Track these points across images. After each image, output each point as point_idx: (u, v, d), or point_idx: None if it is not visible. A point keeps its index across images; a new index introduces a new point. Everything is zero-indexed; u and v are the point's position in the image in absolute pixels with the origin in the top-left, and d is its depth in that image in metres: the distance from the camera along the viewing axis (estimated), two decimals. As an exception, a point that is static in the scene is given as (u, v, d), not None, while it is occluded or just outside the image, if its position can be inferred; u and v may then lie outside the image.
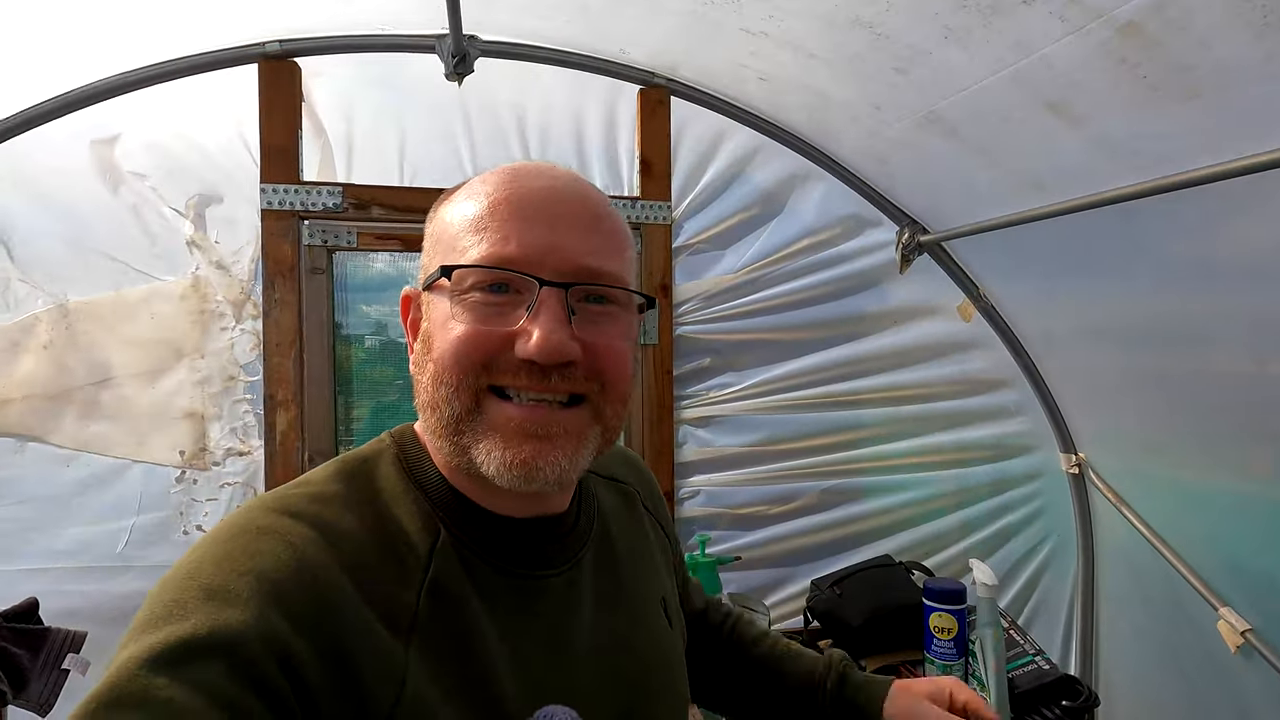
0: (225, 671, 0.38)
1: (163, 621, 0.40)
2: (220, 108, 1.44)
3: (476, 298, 0.51)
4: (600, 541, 0.63)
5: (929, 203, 1.67)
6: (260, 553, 0.44)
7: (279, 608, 0.42)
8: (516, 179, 0.54)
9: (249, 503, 0.50)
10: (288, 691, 0.40)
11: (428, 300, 0.55)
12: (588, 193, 0.56)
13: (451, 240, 0.54)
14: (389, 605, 0.47)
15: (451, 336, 0.51)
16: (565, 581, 0.57)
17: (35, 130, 1.35)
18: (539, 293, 0.50)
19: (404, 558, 0.50)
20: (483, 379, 0.51)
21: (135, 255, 1.41)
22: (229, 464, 1.45)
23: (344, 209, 1.45)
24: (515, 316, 0.51)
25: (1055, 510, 1.86)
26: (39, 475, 1.36)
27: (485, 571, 0.53)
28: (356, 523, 0.50)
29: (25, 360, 1.36)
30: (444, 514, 0.53)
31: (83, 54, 1.31)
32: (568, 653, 0.55)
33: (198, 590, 0.41)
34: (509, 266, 0.51)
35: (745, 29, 1.23)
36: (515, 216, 0.52)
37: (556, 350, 0.49)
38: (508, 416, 0.50)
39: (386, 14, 1.41)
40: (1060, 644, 1.85)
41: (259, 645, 0.40)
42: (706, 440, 1.70)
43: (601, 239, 0.54)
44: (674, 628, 0.68)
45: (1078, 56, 0.97)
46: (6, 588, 1.32)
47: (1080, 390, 1.72)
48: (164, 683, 0.36)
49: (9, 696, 1.10)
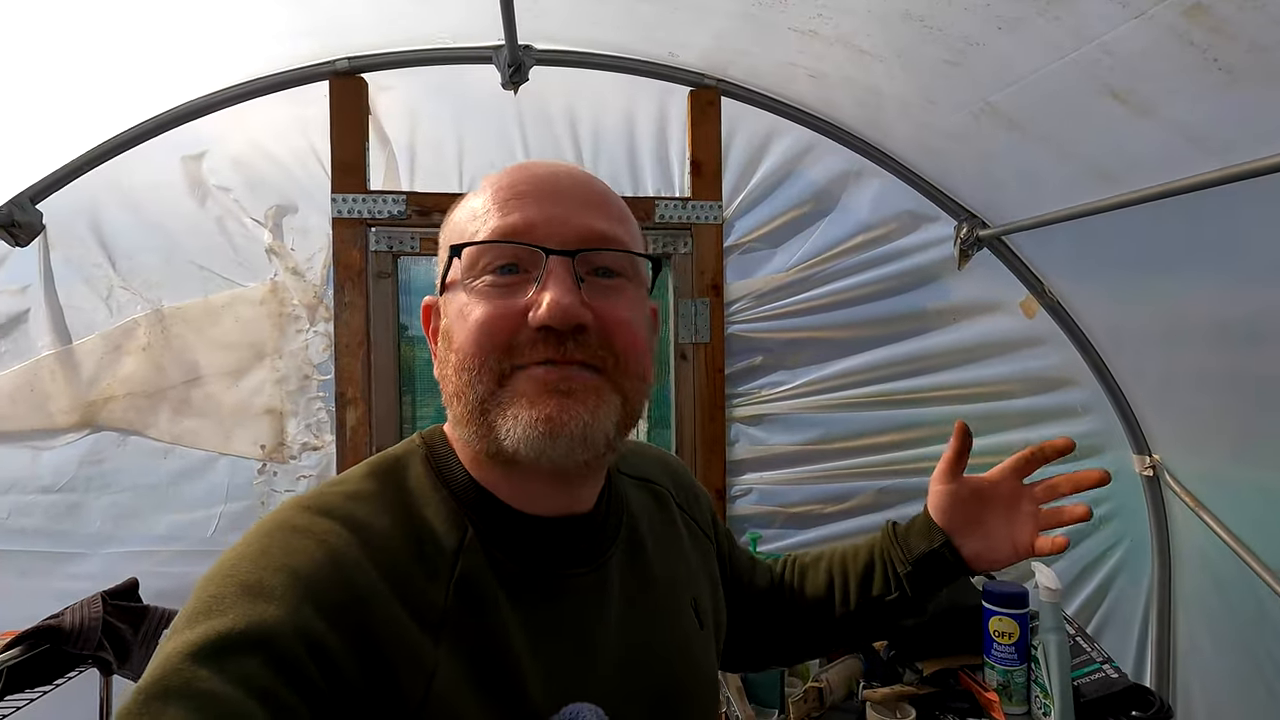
0: (262, 664, 0.40)
1: (204, 616, 0.42)
2: (294, 122, 1.53)
3: (487, 281, 0.52)
4: (628, 541, 0.62)
5: (988, 196, 1.62)
6: (295, 550, 0.46)
7: (313, 603, 0.43)
8: (518, 169, 0.56)
9: (286, 502, 0.52)
10: (322, 684, 0.41)
11: (445, 301, 0.56)
12: (589, 176, 0.57)
13: (458, 233, 0.56)
14: (418, 602, 0.48)
15: (469, 323, 0.52)
16: (592, 581, 0.57)
17: (133, 150, 1.48)
18: (547, 262, 0.51)
19: (432, 555, 0.51)
20: (504, 361, 0.51)
21: (220, 263, 1.52)
22: (304, 458, 1.55)
23: (407, 216, 1.52)
24: (526, 291, 0.51)
25: (1127, 514, 1.78)
26: (139, 466, 1.49)
27: (512, 569, 0.53)
28: (387, 521, 0.51)
29: (127, 361, 1.49)
30: (471, 512, 0.54)
31: (173, 78, 1.42)
32: (594, 652, 0.55)
33: (236, 586, 0.43)
34: (516, 239, 0.52)
35: (794, 28, 1.23)
36: (517, 196, 0.53)
37: (567, 312, 0.49)
38: (529, 383, 0.51)
39: (446, 28, 1.47)
40: (1134, 653, 1.77)
41: (294, 639, 0.41)
42: (759, 439, 1.70)
43: (604, 209, 0.55)
44: (705, 628, 0.67)
45: (1141, 42, 0.93)
46: (110, 568, 1.45)
47: (1154, 389, 1.64)
48: (205, 674, 0.38)
49: (114, 666, 1.22)
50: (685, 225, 1.63)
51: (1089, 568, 1.78)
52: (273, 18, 1.32)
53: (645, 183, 1.65)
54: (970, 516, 0.76)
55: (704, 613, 0.68)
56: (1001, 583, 1.44)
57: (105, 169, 1.47)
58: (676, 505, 0.72)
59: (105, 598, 1.25)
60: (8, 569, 1.45)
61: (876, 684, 1.41)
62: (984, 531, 0.75)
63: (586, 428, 0.50)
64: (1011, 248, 1.70)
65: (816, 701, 1.36)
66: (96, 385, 1.48)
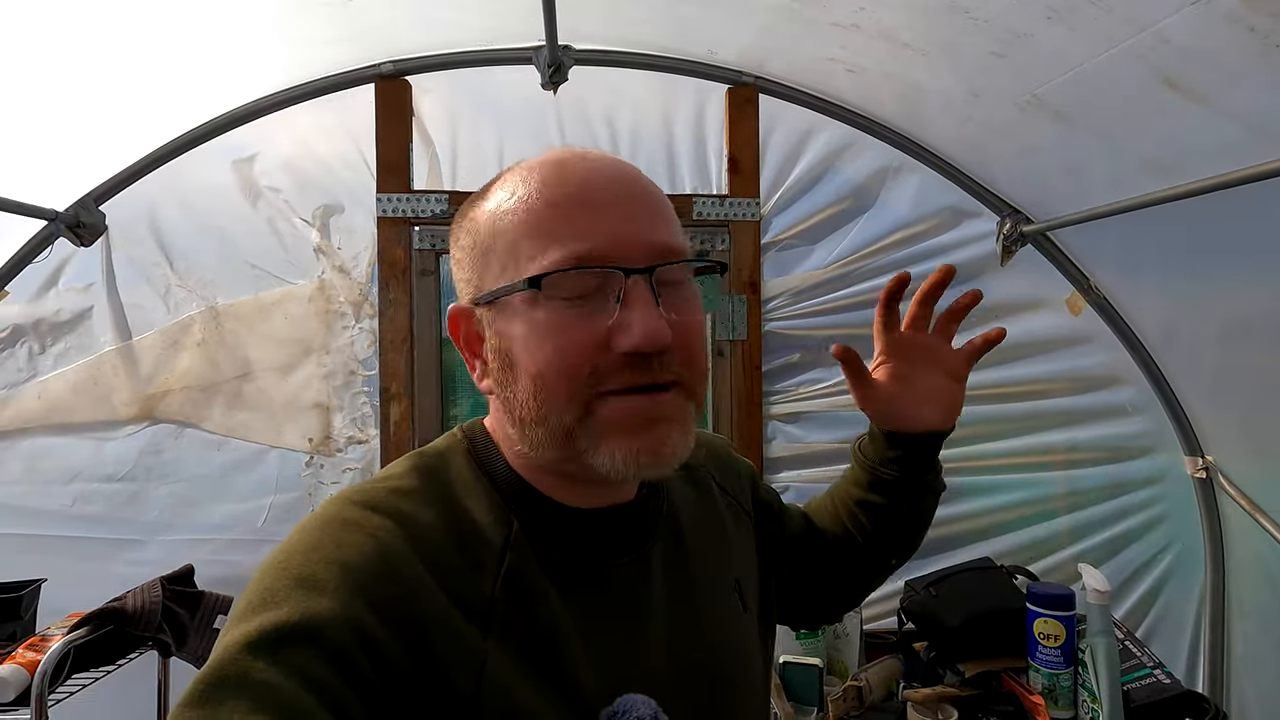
0: (315, 656, 0.40)
1: (259, 608, 0.43)
2: (341, 125, 1.58)
3: (560, 304, 0.49)
4: (670, 529, 0.62)
5: (1032, 191, 1.59)
6: (345, 544, 0.46)
7: (362, 596, 0.43)
8: (563, 170, 0.52)
9: (335, 496, 0.52)
10: (373, 676, 0.42)
11: (490, 315, 0.53)
12: (631, 170, 0.55)
13: (510, 248, 0.51)
14: (466, 595, 0.48)
15: (549, 351, 0.49)
16: (635, 570, 0.57)
17: (189, 153, 1.54)
18: (626, 282, 0.49)
19: (479, 549, 0.51)
20: (590, 389, 0.50)
21: (271, 262, 1.58)
22: (350, 451, 1.59)
23: (449, 214, 1.55)
24: (603, 312, 0.49)
25: (1178, 517, 1.73)
26: (195, 458, 1.55)
27: (557, 562, 0.53)
28: (433, 515, 0.51)
29: (183, 356, 1.55)
30: (515, 506, 0.54)
31: (226, 84, 1.48)
32: (641, 641, 0.55)
33: (289, 579, 0.44)
34: (594, 263, 0.49)
35: (836, 23, 1.23)
36: (581, 210, 0.50)
37: (658, 335, 0.48)
38: (622, 414, 0.50)
39: (488, 30, 1.50)
40: (1186, 659, 1.71)
41: (345, 632, 0.42)
42: (796, 436, 1.69)
43: (662, 214, 0.53)
44: (749, 612, 0.67)
45: (1198, 29, 0.91)
46: (168, 555, 1.51)
47: (1208, 389, 1.59)
48: (261, 665, 0.39)
49: (173, 648, 1.27)
50: (723, 222, 1.63)
51: (1137, 572, 1.73)
52: (321, 25, 1.36)
53: (683, 180, 1.66)
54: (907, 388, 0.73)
55: (748, 596, 0.68)
56: (1047, 584, 1.41)
57: (163, 172, 1.53)
58: (718, 486, 0.71)
59: (164, 583, 1.30)
60: (72, 554, 1.51)
61: (917, 684, 1.39)
62: (920, 388, 0.73)
63: (681, 454, 0.51)
64: (1057, 243, 1.66)
65: (855, 700, 1.35)
66: (155, 379, 1.54)
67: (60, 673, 1.11)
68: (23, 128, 1.30)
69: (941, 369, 0.73)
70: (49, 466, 1.53)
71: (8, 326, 1.52)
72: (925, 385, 0.72)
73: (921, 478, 0.74)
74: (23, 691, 1.10)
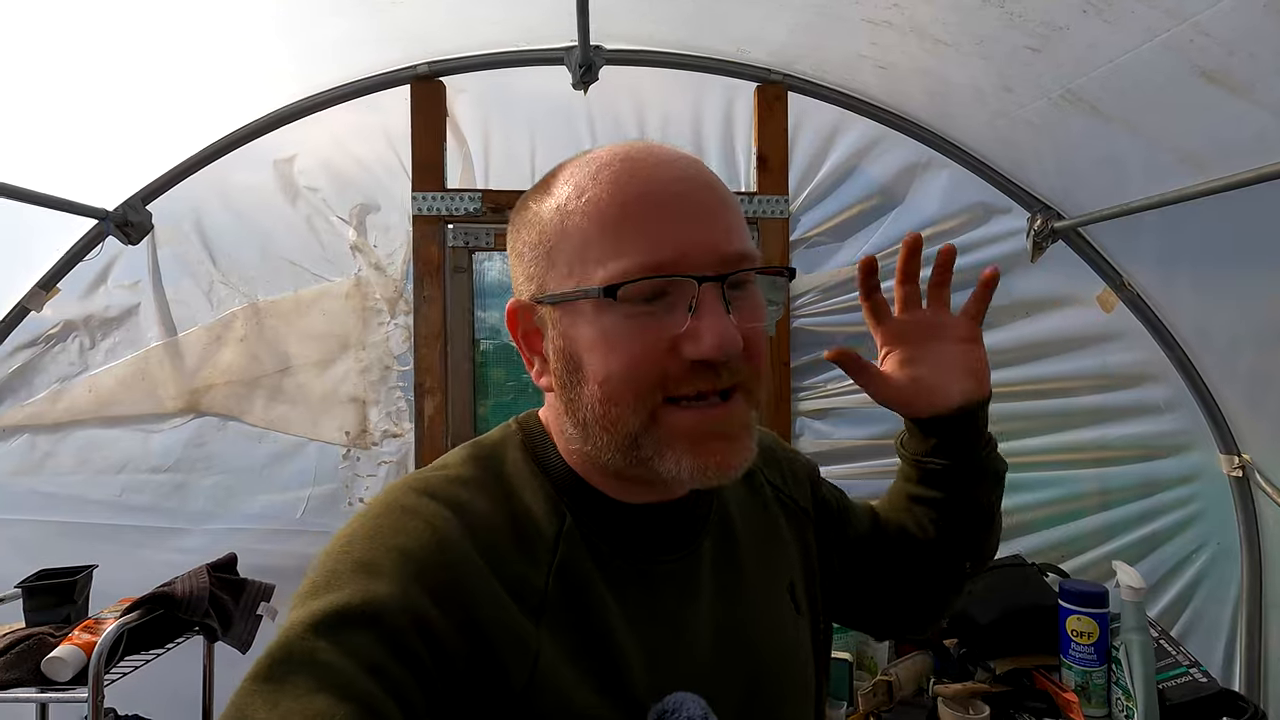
0: (374, 639, 0.42)
1: (322, 590, 0.44)
2: (377, 125, 1.61)
3: (631, 309, 0.49)
4: (720, 526, 0.62)
5: (1064, 186, 1.58)
6: (404, 530, 0.47)
7: (420, 582, 0.45)
8: (633, 169, 0.51)
9: (394, 484, 0.53)
10: (428, 660, 0.43)
11: (555, 315, 0.52)
12: (700, 167, 0.54)
13: (579, 250, 0.50)
14: (519, 585, 0.49)
15: (619, 358, 0.49)
16: (684, 567, 0.57)
17: (232, 154, 1.58)
18: (700, 290, 0.49)
19: (532, 541, 0.52)
20: (658, 394, 0.49)
21: (309, 259, 1.62)
22: (385, 444, 1.62)
23: (483, 213, 1.58)
24: (673, 319, 0.49)
25: (1213, 516, 1.70)
26: (237, 450, 1.60)
27: (609, 555, 0.54)
28: (488, 505, 0.52)
29: (225, 351, 1.59)
30: (567, 499, 0.55)
31: (267, 86, 1.52)
32: (690, 638, 0.55)
33: (351, 563, 0.45)
34: (670, 272, 0.48)
35: (868, 19, 1.23)
36: (653, 215, 0.49)
37: (730, 344, 0.48)
38: (690, 424, 0.50)
39: (521, 31, 1.53)
40: (1221, 659, 1.69)
41: (403, 616, 0.43)
42: (824, 432, 1.70)
43: (732, 216, 0.52)
44: (802, 613, 0.66)
45: (1240, 21, 0.91)
46: (210, 544, 1.55)
47: (1245, 386, 1.57)
48: (325, 646, 0.41)
49: (219, 633, 1.31)
50: (751, 220, 1.64)
51: (1172, 571, 1.71)
52: (358, 28, 1.39)
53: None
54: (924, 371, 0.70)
55: (801, 598, 0.66)
56: (1079, 581, 1.40)
57: (207, 172, 1.58)
58: (770, 485, 0.70)
59: (210, 570, 1.34)
60: (121, 541, 1.57)
61: (947, 680, 1.39)
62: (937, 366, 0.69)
63: (745, 461, 0.51)
64: (1089, 239, 1.65)
65: (886, 695, 1.35)
66: (199, 374, 1.59)
67: (114, 654, 1.15)
68: (75, 131, 1.35)
69: (950, 338, 0.69)
70: (99, 457, 1.58)
71: (60, 322, 1.57)
72: (940, 361, 0.68)
73: (972, 459, 0.69)
74: (78, 672, 1.14)
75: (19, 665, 1.13)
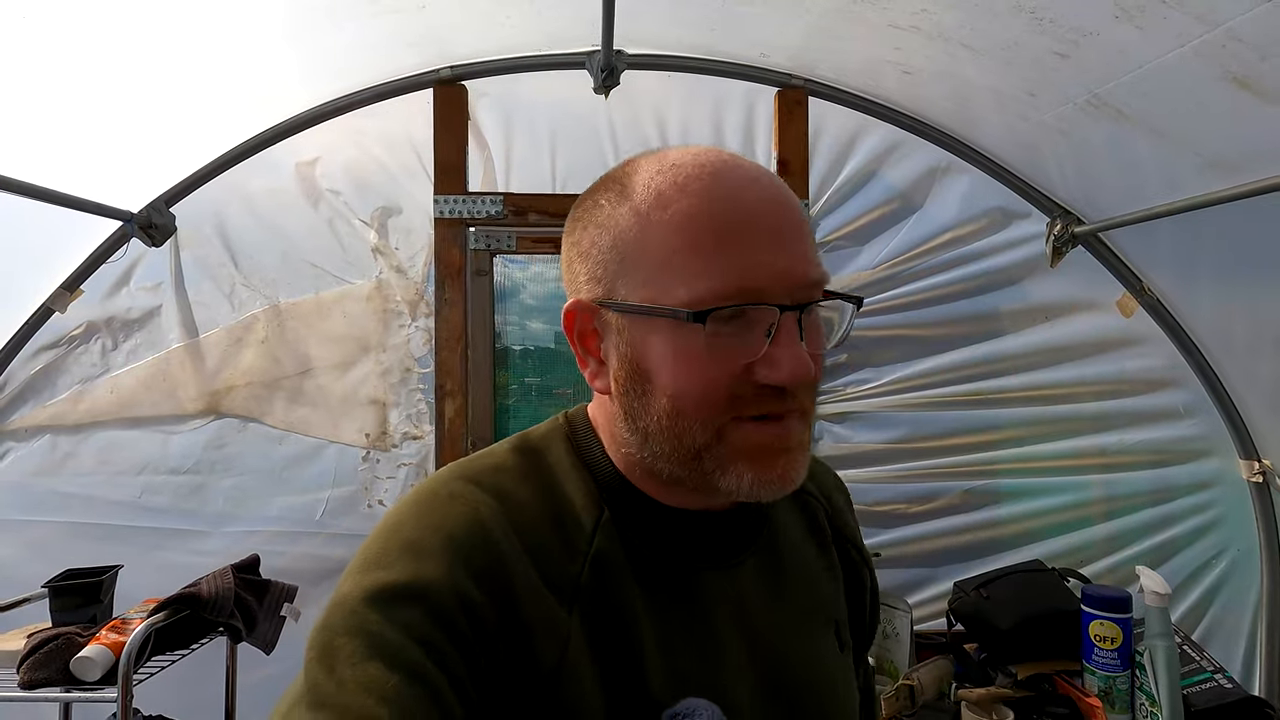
0: (423, 614, 0.44)
1: (373, 566, 0.47)
2: (399, 128, 1.62)
3: (711, 330, 0.48)
4: (768, 548, 0.61)
5: (1084, 191, 1.58)
6: (450, 514, 0.50)
7: (464, 564, 0.47)
8: (720, 185, 0.51)
9: (441, 470, 0.56)
10: (471, 637, 0.45)
11: (622, 321, 0.52)
12: (783, 186, 0.54)
13: (662, 264, 0.50)
14: (555, 572, 0.51)
15: (694, 377, 0.50)
16: (724, 581, 0.57)
17: (255, 157, 1.59)
18: (780, 318, 0.49)
19: (570, 531, 0.53)
20: (726, 414, 0.50)
21: (331, 262, 1.62)
22: (405, 446, 1.63)
23: (504, 216, 1.59)
24: (749, 342, 0.49)
25: (1233, 521, 1.70)
26: (256, 452, 1.60)
27: (644, 554, 0.54)
28: (529, 493, 0.53)
29: (246, 353, 1.60)
30: (608, 495, 0.56)
31: (289, 90, 1.53)
32: (719, 653, 0.55)
33: (400, 543, 0.48)
34: (756, 300, 0.49)
35: (894, 24, 1.24)
36: (747, 240, 0.49)
37: (805, 374, 0.49)
38: (755, 441, 0.51)
39: (544, 35, 1.53)
40: (1241, 666, 1.69)
41: (449, 595, 0.45)
42: (843, 436, 1.70)
43: (809, 242, 0.52)
44: (845, 651, 0.65)
45: (1273, 25, 0.91)
46: (232, 545, 1.56)
47: (1267, 392, 1.57)
48: (376, 618, 0.44)
49: (243, 634, 1.31)
50: (771, 223, 1.64)
51: (1191, 578, 1.71)
52: (382, 32, 1.40)
53: (731, 182, 1.67)
54: None
55: (845, 638, 0.66)
56: (1102, 586, 1.40)
57: (230, 175, 1.59)
58: (830, 524, 0.69)
59: (234, 571, 1.35)
60: (140, 543, 1.57)
61: (969, 685, 1.39)
62: None
63: (801, 476, 0.52)
64: (1109, 244, 1.65)
65: (908, 700, 1.35)
66: (220, 375, 1.59)
67: (141, 655, 1.15)
68: (100, 133, 1.36)
69: None
70: (119, 458, 1.58)
71: (82, 324, 1.58)
72: None
73: None
74: (106, 672, 1.14)
75: (48, 665, 1.13)
